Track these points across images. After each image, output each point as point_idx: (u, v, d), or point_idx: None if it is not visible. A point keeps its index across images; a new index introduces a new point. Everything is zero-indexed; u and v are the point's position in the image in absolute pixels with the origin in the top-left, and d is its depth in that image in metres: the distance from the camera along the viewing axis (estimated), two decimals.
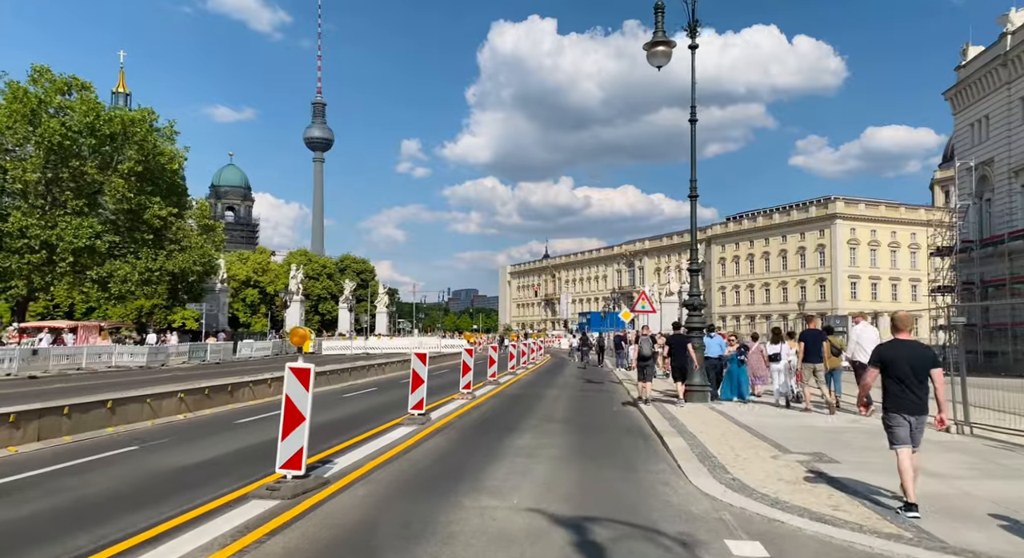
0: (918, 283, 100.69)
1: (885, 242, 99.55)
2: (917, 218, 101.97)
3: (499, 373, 24.37)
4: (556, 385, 23.78)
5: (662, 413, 14.77)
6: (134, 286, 37.09)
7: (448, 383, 20.94)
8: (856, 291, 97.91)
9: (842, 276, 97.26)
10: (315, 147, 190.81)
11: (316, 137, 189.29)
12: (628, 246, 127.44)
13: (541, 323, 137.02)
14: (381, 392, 20.90)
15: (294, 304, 55.79)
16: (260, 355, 42.22)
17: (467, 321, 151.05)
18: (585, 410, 16.28)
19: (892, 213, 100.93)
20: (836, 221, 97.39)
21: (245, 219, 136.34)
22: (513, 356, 28.08)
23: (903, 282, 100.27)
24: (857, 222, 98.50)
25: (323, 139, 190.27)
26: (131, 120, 36.20)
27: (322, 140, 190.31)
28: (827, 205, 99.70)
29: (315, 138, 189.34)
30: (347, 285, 64.28)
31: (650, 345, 17.69)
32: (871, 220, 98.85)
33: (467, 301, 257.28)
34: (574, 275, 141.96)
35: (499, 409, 16.40)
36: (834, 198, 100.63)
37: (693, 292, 16.86)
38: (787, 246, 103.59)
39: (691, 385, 16.68)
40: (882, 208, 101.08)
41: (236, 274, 72.32)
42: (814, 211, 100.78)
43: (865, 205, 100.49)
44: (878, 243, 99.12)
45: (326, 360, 35.55)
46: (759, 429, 12.21)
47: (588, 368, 36.29)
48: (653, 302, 38.43)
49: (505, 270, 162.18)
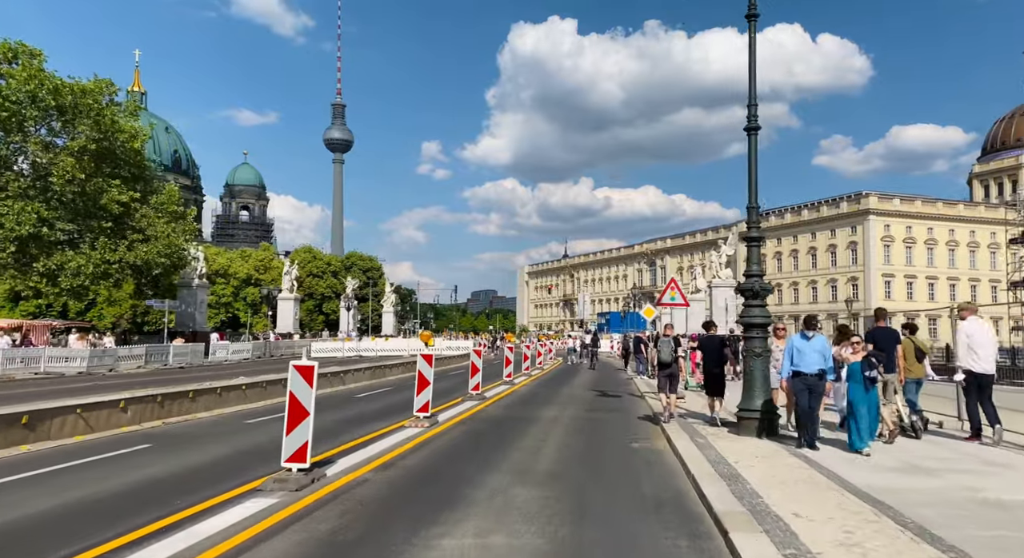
0: (957, 282, 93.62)
1: (921, 239, 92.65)
2: (955, 214, 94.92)
3: (484, 386, 18.74)
4: (558, 400, 18.06)
5: (710, 458, 8.99)
6: (87, 280, 32.05)
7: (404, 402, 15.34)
8: (890, 290, 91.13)
9: (875, 275, 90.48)
10: (335, 148, 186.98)
11: (336, 138, 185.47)
12: (649, 244, 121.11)
13: (559, 324, 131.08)
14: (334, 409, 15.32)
15: (286, 302, 50.61)
16: (237, 358, 36.98)
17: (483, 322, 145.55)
18: (589, 450, 10.53)
19: (929, 209, 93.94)
20: (869, 217, 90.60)
21: (260, 218, 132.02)
22: (510, 361, 22.41)
23: (941, 281, 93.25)
24: (891, 218, 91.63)
25: (343, 140, 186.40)
26: (83, 91, 31.17)
27: (341, 141, 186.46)
28: (859, 201, 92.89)
29: (335, 139, 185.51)
30: (349, 283, 58.94)
31: (671, 349, 13.73)
32: (906, 216, 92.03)
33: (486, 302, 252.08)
34: (593, 275, 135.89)
35: (458, 446, 10.75)
36: (867, 194, 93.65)
37: (752, 271, 11.08)
38: (817, 244, 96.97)
39: (746, 410, 10.93)
40: (918, 203, 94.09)
41: (236, 272, 67.54)
42: (846, 207, 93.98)
43: (900, 201, 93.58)
44: (914, 240, 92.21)
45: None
46: (900, 506, 6.44)
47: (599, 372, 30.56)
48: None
49: (523, 270, 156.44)
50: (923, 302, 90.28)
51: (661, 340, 14.12)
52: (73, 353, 26.81)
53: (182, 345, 33.50)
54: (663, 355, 13.63)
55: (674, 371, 13.61)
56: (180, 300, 40.42)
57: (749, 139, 11.26)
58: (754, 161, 11.17)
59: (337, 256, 76.38)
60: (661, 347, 13.88)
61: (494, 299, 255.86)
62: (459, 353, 39.89)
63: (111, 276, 33.05)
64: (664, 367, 13.57)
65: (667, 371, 13.49)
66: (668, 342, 13.73)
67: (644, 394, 19.32)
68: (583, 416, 14.86)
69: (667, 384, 13.42)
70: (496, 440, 11.27)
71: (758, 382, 10.87)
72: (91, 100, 31.33)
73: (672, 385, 13.46)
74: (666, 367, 13.52)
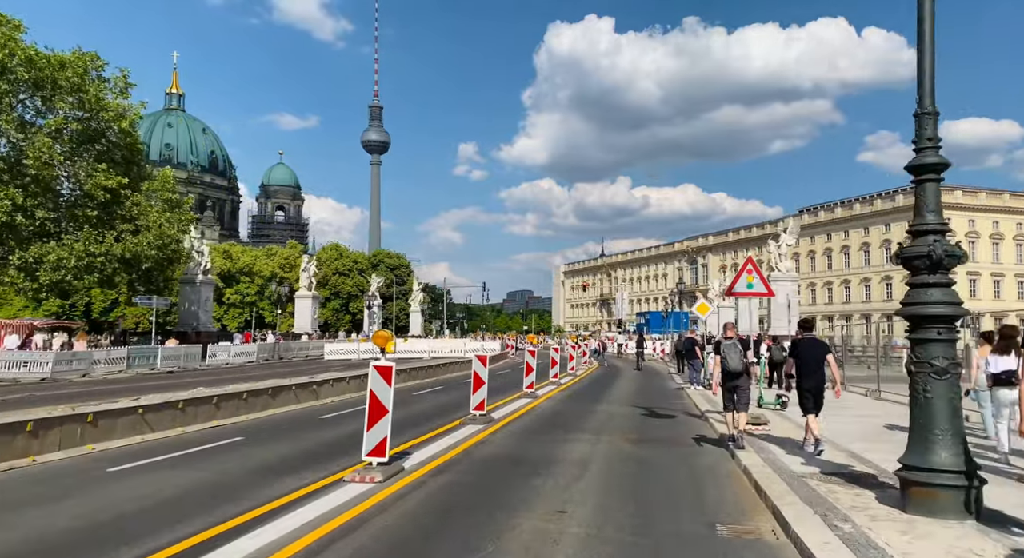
0: None
1: (986, 233, 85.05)
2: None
3: (495, 401, 14.03)
4: (590, 424, 13.17)
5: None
6: (70, 274, 28.34)
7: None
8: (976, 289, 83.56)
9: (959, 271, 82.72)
10: (372, 150, 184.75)
11: (373, 140, 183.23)
12: (690, 242, 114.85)
13: (596, 324, 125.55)
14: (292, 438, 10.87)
15: (303, 300, 46.59)
16: (241, 361, 32.92)
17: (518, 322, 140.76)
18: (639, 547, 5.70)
19: (994, 201, 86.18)
20: None
21: (295, 218, 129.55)
22: (531, 369, 17.61)
23: (1007, 277, 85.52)
24: (952, 211, 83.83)
25: (380, 142, 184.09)
26: (61, 63, 27.48)
27: (379, 143, 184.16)
28: None
29: (372, 141, 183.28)
30: (373, 280, 54.69)
31: (739, 355, 10.78)
32: (969, 209, 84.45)
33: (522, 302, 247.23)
34: (631, 274, 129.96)
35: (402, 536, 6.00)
36: None
37: (928, 223, 6.26)
38: (869, 239, 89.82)
39: (922, 469, 6.03)
40: (982, 196, 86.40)
41: (261, 270, 64.16)
42: (901, 200, 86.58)
43: (962, 192, 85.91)
44: (977, 234, 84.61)
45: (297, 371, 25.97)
46: None
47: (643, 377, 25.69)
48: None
49: (558, 270, 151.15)
50: (988, 301, 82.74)
51: (725, 344, 10.86)
52: (35, 357, 22.94)
53: (174, 347, 29.56)
54: (731, 363, 10.64)
55: (743, 383, 10.62)
56: (183, 298, 36.65)
57: (920, 8, 6.37)
58: (929, 28, 6.30)
59: (364, 253, 72.46)
60: (727, 353, 10.72)
61: (530, 299, 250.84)
62: None
63: (96, 270, 29.24)
64: (732, 378, 10.62)
65: (734, 383, 10.57)
66: (734, 346, 10.73)
67: (706, 413, 14.38)
68: (625, 453, 10.03)
69: (734, 400, 10.53)
70: (478, 515, 6.52)
71: (944, 418, 5.97)
72: (71, 74, 27.60)
73: (741, 400, 10.51)
74: (734, 378, 10.60)
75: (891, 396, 18.21)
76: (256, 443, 10.54)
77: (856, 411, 15.08)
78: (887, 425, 12.76)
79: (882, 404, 17.02)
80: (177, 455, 9.48)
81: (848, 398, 16.53)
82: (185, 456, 9.47)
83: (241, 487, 7.58)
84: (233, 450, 10.01)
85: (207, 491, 7.44)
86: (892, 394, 18.35)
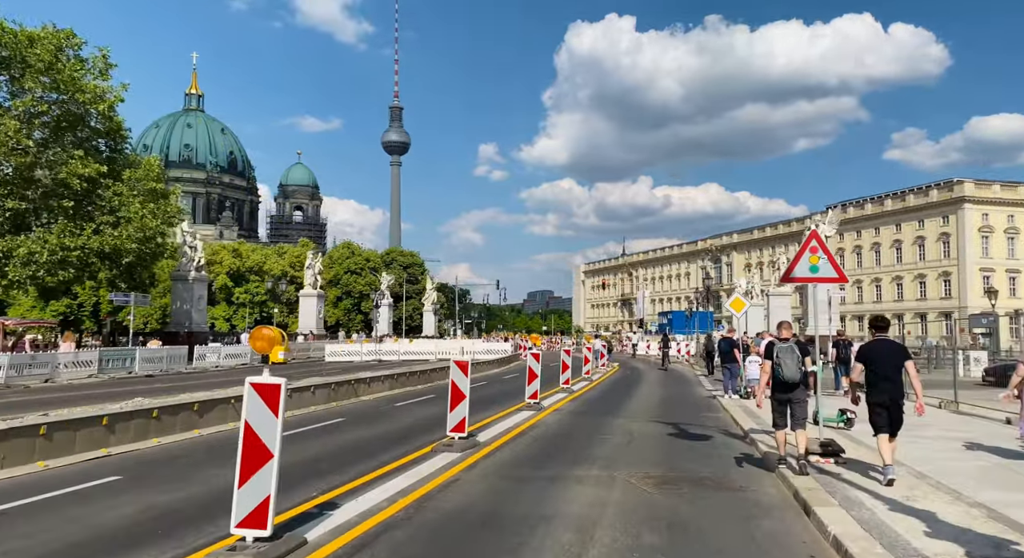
0: None
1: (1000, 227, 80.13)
2: None
3: (488, 415, 10.95)
4: (603, 450, 9.97)
5: None
6: (42, 270, 25.80)
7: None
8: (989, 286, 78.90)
9: (972, 269, 78.50)
10: (392, 151, 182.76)
11: (394, 141, 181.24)
12: (713, 240, 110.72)
13: (617, 324, 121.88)
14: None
15: (308, 299, 43.95)
16: (232, 363, 30.19)
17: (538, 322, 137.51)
18: None
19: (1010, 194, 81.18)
20: (964, 206, 78.73)
21: (313, 219, 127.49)
22: (535, 376, 14.48)
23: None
24: (990, 206, 79.40)
25: (400, 143, 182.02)
26: (30, 40, 25.00)
27: (399, 143, 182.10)
28: (952, 188, 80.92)
29: (392, 142, 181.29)
30: (384, 278, 51.84)
31: (797, 360, 8.33)
32: (1008, 204, 79.65)
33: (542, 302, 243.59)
34: (653, 273, 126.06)
35: None
36: (960, 180, 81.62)
37: None
38: (902, 236, 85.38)
39: None
40: (1022, 190, 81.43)
41: (271, 269, 61.73)
42: (936, 195, 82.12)
43: (1000, 187, 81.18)
44: (1016, 230, 79.91)
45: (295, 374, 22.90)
46: None
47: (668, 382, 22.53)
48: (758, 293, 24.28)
49: (578, 269, 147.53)
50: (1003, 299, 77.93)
51: (780, 347, 8.52)
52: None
53: (155, 348, 26.90)
54: (787, 371, 8.35)
55: (800, 396, 8.49)
56: (175, 296, 34.05)
57: None
58: None
59: (376, 252, 69.76)
60: (782, 358, 8.41)
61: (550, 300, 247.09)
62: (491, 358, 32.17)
63: (72, 265, 26.65)
64: (786, 389, 8.43)
65: (789, 395, 8.42)
66: (791, 350, 8.45)
67: (750, 433, 11.20)
68: (649, 507, 6.81)
69: (789, 416, 8.47)
70: None
71: None
72: (41, 51, 25.06)
73: (798, 416, 8.43)
74: (789, 389, 8.41)
75: (970, 409, 14.88)
76: (121, 491, 7.49)
77: (940, 430, 11.78)
78: (997, 451, 9.53)
79: (965, 420, 13.67)
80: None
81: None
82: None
83: None
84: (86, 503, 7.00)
85: None
86: (969, 405, 15.05)
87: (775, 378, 8.42)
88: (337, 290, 63.93)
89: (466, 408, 9.84)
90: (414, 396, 17.71)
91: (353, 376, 17.47)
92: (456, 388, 9.82)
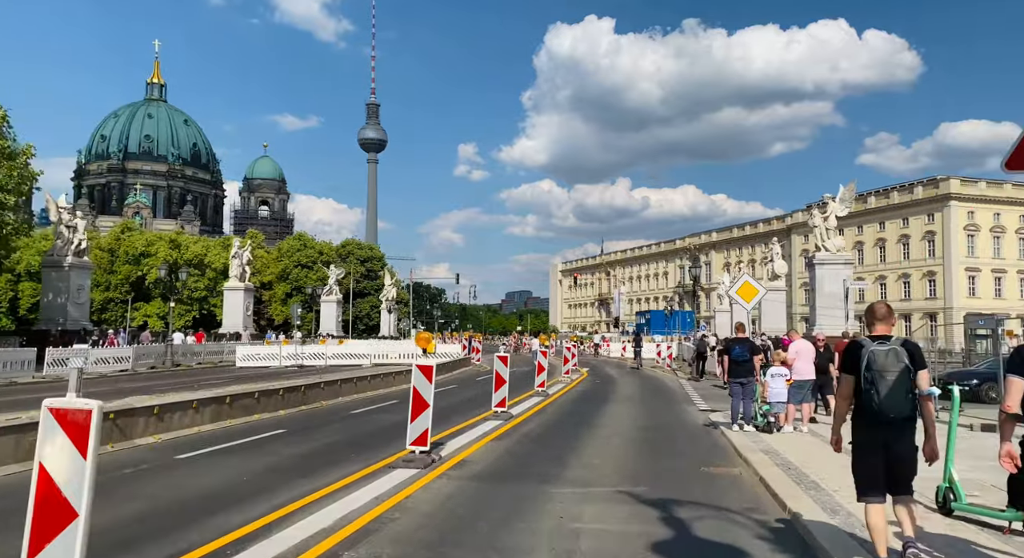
0: None
1: (1012, 228, 75.87)
2: None
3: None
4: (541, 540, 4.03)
5: None
6: None
7: None
8: (975, 286, 74.76)
9: (958, 268, 74.07)
10: (369, 148, 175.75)
11: (370, 138, 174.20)
12: (692, 239, 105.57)
13: (594, 325, 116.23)
14: None
15: (234, 293, 37.26)
16: (104, 370, 23.63)
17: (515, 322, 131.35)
18: None
19: (1021, 193, 76.96)
20: (950, 204, 74.22)
21: (280, 214, 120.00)
22: (424, 405, 8.52)
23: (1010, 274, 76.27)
24: (976, 204, 75.02)
25: (377, 140, 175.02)
26: None
27: (376, 141, 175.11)
28: (938, 186, 76.29)
29: (369, 139, 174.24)
30: (332, 272, 45.28)
31: (906, 378, 4.41)
32: (995, 202, 75.32)
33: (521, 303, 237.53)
34: (630, 273, 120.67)
35: None
36: (946, 177, 77.08)
37: None
38: (885, 234, 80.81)
39: None
40: (1008, 188, 77.32)
41: (213, 262, 54.97)
42: (921, 193, 77.53)
43: (987, 185, 76.88)
44: (1003, 229, 75.67)
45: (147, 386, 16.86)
46: None
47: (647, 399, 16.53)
48: None
49: (555, 268, 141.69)
50: (1015, 300, 73.56)
51: (873, 351, 4.45)
52: None
53: None
54: (886, 394, 4.36)
55: (906, 441, 4.46)
56: (46, 286, 27.56)
57: None
58: None
59: (331, 244, 63.04)
60: (878, 370, 4.40)
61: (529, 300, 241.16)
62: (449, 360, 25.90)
63: None
64: (885, 427, 4.44)
65: (888, 436, 4.44)
66: (895, 357, 4.42)
67: (802, 519, 5.09)
68: None
69: (885, 471, 4.46)
70: None
71: None
72: None
73: (900, 475, 4.48)
74: (890, 427, 4.43)
75: None
76: None
77: None
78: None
79: None
80: None
81: None
82: None
83: None
84: None
85: None
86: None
87: (863, 406, 4.50)
88: (287, 285, 57.29)
89: None
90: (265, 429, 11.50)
91: (226, 392, 11.37)
92: None
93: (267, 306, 56.81)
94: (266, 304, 57.42)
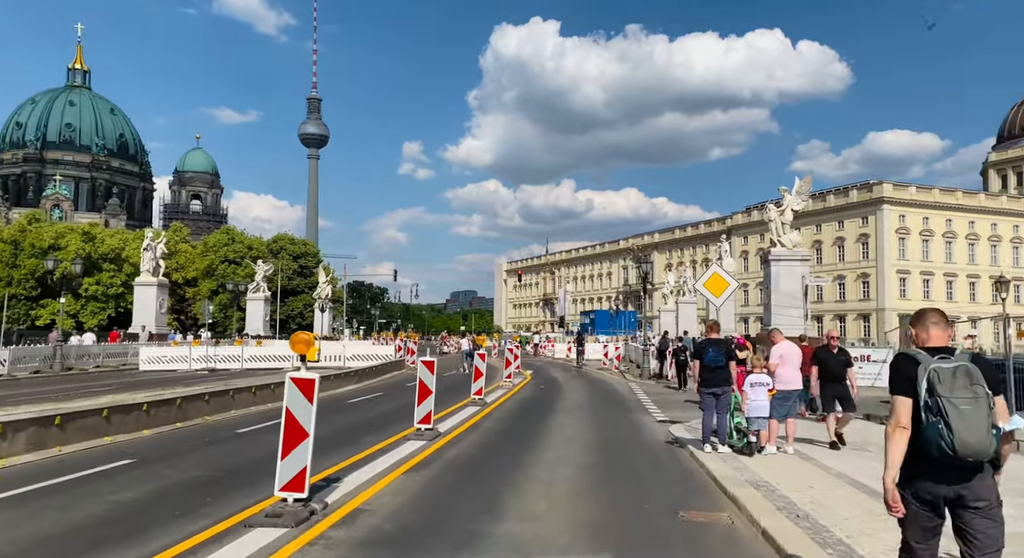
0: (977, 279, 78.53)
1: (940, 231, 77.98)
2: (977, 205, 79.81)
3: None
4: None
5: None
6: None
7: None
8: (905, 288, 76.31)
9: (890, 271, 75.50)
10: (310, 143, 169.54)
11: (311, 133, 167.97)
12: (635, 240, 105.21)
13: (539, 325, 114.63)
14: None
15: (146, 289, 33.56)
16: None
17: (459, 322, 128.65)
18: None
19: (947, 198, 79.21)
20: (884, 207, 75.56)
21: (213, 208, 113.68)
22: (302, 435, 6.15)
23: (960, 278, 78.80)
24: (907, 208, 76.57)
25: (318, 135, 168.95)
26: None
27: (317, 136, 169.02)
28: (871, 189, 77.55)
29: (310, 134, 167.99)
30: (260, 268, 41.81)
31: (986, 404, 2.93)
32: (924, 206, 77.18)
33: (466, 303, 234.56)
34: (575, 273, 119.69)
35: None
36: (880, 181, 78.53)
37: None
38: (822, 236, 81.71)
39: None
40: (935, 193, 79.62)
41: (130, 257, 50.48)
42: (855, 195, 78.74)
43: (916, 189, 78.92)
44: (931, 232, 77.49)
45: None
46: None
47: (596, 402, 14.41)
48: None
49: (500, 267, 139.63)
50: (941, 302, 75.20)
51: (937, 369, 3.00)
52: None
53: None
54: (966, 431, 2.87)
55: (986, 495, 2.96)
56: None
57: None
58: None
59: (261, 239, 58.97)
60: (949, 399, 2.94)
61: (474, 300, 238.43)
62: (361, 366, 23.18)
63: None
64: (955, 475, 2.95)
65: (959, 487, 2.94)
66: (967, 378, 2.96)
67: None
68: None
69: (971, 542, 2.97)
70: None
71: None
72: None
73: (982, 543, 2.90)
74: (961, 476, 2.94)
75: None
76: None
77: None
78: None
79: None
80: None
81: None
82: None
83: None
84: None
85: None
86: None
87: (921, 445, 3.03)
88: (212, 282, 53.13)
89: None
90: (110, 458, 8.75)
91: (59, 409, 8.56)
92: None
93: (191, 304, 52.54)
94: (190, 302, 53.11)
